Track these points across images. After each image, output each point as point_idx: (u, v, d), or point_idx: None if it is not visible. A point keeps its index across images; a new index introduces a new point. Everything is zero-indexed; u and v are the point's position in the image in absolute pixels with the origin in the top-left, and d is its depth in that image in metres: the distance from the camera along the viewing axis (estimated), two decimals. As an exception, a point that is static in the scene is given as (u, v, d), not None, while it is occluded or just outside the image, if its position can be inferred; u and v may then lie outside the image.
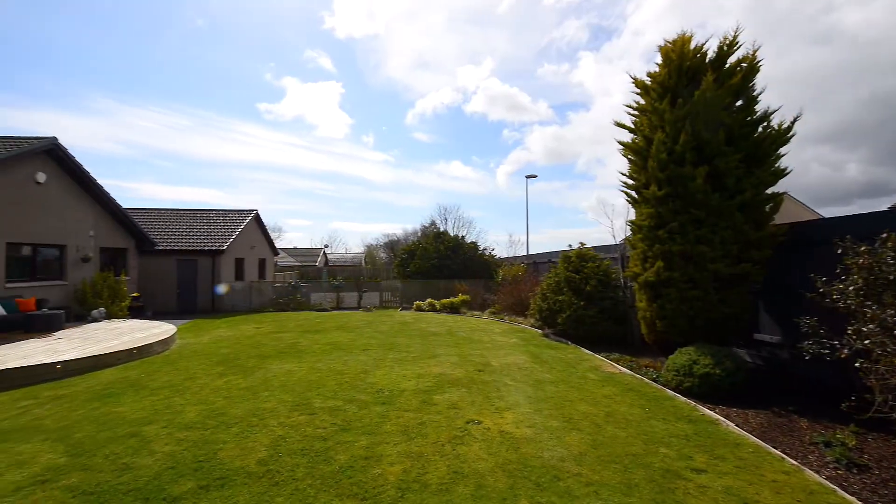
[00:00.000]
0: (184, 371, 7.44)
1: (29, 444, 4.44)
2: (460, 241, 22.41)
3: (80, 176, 13.51)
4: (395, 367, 7.69)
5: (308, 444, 4.37)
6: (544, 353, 8.94)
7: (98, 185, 13.99)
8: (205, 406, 5.55)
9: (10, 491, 3.50)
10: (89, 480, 3.65)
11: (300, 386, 6.45)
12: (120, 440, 4.49)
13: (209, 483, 3.60)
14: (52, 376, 7.14)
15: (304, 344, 9.91)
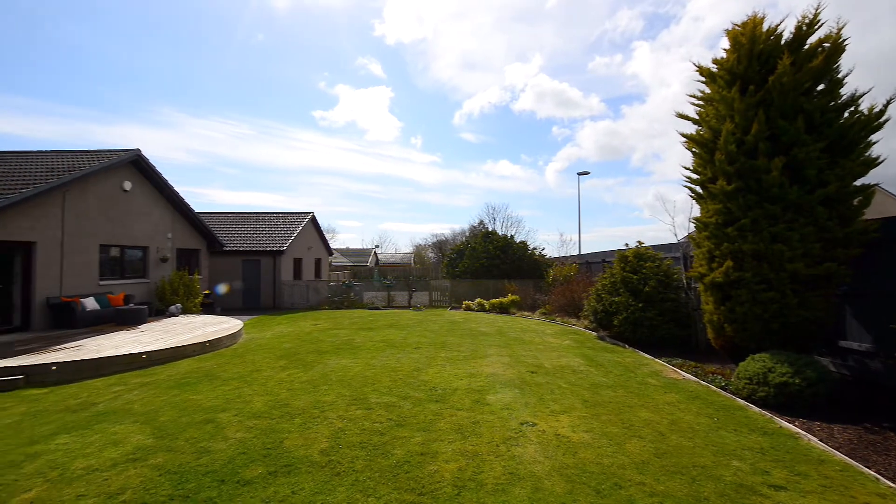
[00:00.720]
0: (250, 364, 7.94)
1: (122, 425, 4.93)
2: (509, 240, 22.16)
3: (160, 183, 14.83)
4: (447, 365, 7.75)
5: (366, 438, 4.52)
6: (600, 357, 8.63)
7: (175, 192, 15.28)
8: (270, 397, 5.89)
9: (108, 466, 3.91)
10: (173, 461, 3.99)
11: (356, 381, 6.68)
12: (197, 425, 4.87)
13: (277, 469, 3.82)
14: (139, 365, 7.89)
15: (359, 341, 10.24)
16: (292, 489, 3.51)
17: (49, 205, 10.88)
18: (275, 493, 3.44)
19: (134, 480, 3.63)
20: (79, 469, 3.85)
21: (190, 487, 3.51)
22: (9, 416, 5.34)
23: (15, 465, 3.96)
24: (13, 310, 10.39)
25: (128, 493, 3.44)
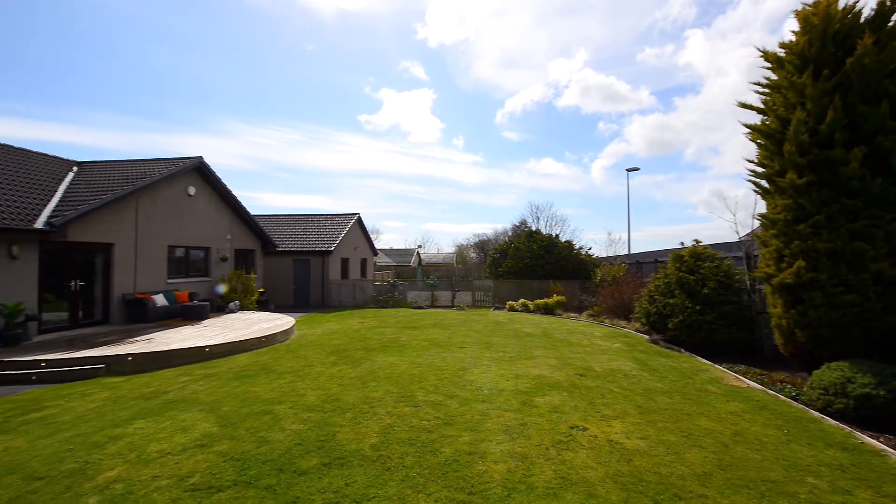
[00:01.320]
0: (303, 359, 8.28)
1: (189, 413, 5.29)
2: (554, 240, 21.70)
3: (220, 188, 15.80)
4: (493, 366, 7.70)
5: (415, 435, 4.57)
6: (653, 361, 8.25)
7: (233, 196, 16.23)
8: (322, 391, 6.11)
9: (179, 451, 4.21)
10: (235, 448, 4.23)
11: (403, 379, 6.78)
12: (257, 416, 5.14)
13: (331, 461, 3.95)
14: (202, 357, 8.45)
15: (404, 339, 10.40)
16: (345, 481, 3.61)
17: (125, 209, 11.89)
18: (329, 484, 3.55)
19: (202, 465, 3.88)
20: (153, 452, 4.17)
21: (251, 474, 3.71)
22: (93, 402, 5.89)
23: (99, 446, 4.35)
24: (95, 305, 11.45)
25: (196, 476, 3.68)
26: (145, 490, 3.47)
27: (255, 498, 3.35)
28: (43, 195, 10.98)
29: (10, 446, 4.43)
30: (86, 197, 11.09)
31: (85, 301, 11.15)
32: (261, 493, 3.41)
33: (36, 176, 11.92)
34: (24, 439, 4.61)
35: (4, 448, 4.38)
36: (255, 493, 3.41)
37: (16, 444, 4.47)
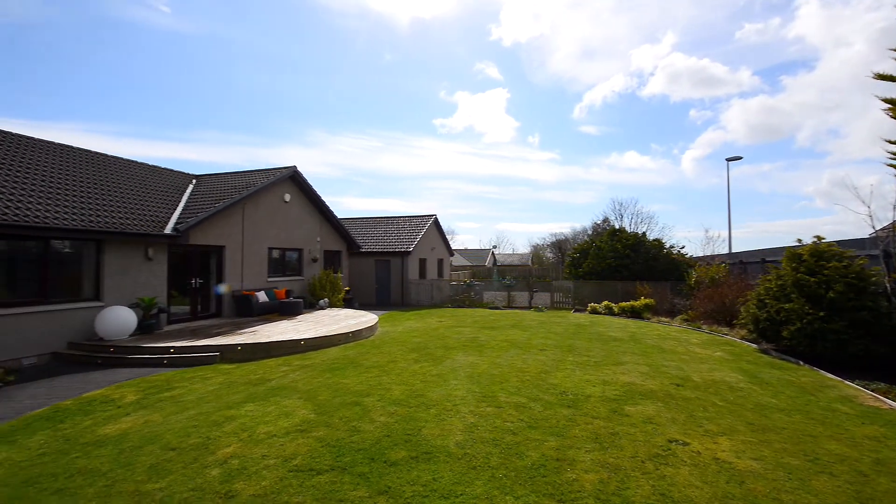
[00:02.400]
0: (387, 355, 8.63)
1: (290, 400, 5.77)
2: (641, 238, 20.28)
3: (311, 194, 17.11)
4: (577, 370, 7.38)
5: (498, 436, 4.52)
6: (764, 373, 7.33)
7: (322, 201, 17.49)
8: (406, 387, 6.30)
9: (283, 433, 4.60)
10: (331, 436, 4.52)
11: (484, 379, 6.76)
12: (348, 406, 5.45)
13: (418, 455, 4.05)
14: (298, 350, 9.18)
15: (483, 339, 10.39)
16: (433, 475, 3.68)
17: (233, 215, 13.36)
18: (417, 478, 3.64)
19: (302, 448, 4.20)
20: (262, 433, 4.61)
21: (346, 461, 3.93)
22: (211, 385, 6.67)
23: (218, 425, 4.91)
24: (210, 300, 13.01)
25: (298, 458, 3.99)
26: (256, 467, 3.83)
27: (350, 483, 3.54)
28: (169, 205, 12.72)
29: (149, 420, 5.17)
30: (202, 206, 12.65)
31: (202, 296, 12.72)
32: (355, 480, 3.59)
33: (164, 188, 13.85)
34: (159, 414, 5.35)
35: (145, 421, 5.13)
36: (350, 479, 3.60)
37: (153, 419, 5.21)
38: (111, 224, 9.66)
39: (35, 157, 10.92)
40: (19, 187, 9.10)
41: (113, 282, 9.90)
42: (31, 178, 9.79)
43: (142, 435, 4.67)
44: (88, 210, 9.75)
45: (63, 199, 9.60)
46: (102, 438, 4.62)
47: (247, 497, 3.34)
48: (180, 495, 3.39)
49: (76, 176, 11.20)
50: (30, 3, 51.71)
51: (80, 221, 9.04)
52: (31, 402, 6.01)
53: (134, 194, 12.05)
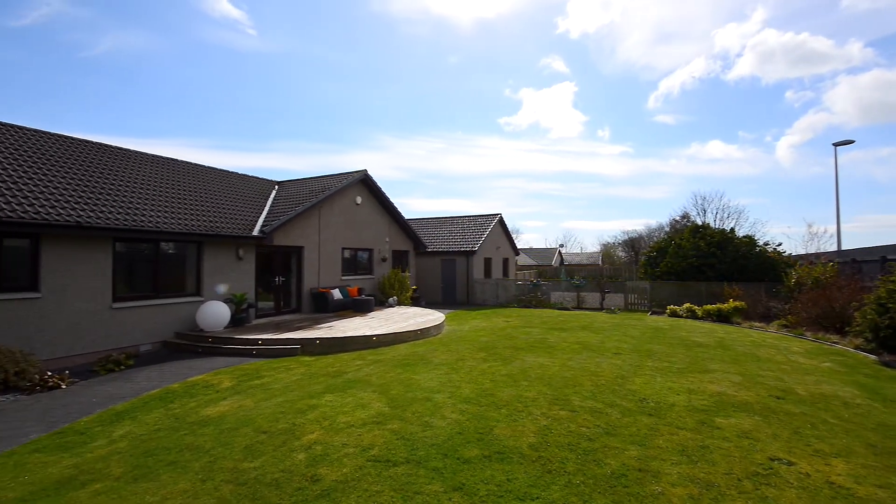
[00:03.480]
0: (455, 353, 8.70)
1: (365, 392, 6.01)
2: (728, 235, 18.51)
3: (380, 196, 17.77)
4: (657, 376, 6.90)
5: (574, 441, 4.35)
6: (887, 388, 6.33)
7: (391, 203, 18.09)
8: (476, 385, 6.30)
9: (360, 424, 4.80)
10: (405, 429, 4.64)
11: (556, 381, 6.56)
12: (419, 402, 5.56)
13: (490, 454, 4.02)
14: (370, 345, 9.56)
15: (552, 341, 10.09)
16: (507, 476, 3.62)
17: (310, 218, 14.26)
18: (491, 477, 3.61)
19: (378, 440, 4.36)
20: (341, 423, 4.85)
21: (420, 455, 4.00)
22: (294, 375, 7.16)
23: (302, 412, 5.24)
24: (290, 296, 14.00)
25: (375, 449, 4.14)
26: (337, 455, 4.03)
27: (425, 477, 3.60)
28: (256, 209, 13.88)
29: (243, 404, 5.66)
30: (284, 209, 13.64)
31: (284, 293, 13.72)
32: (430, 474, 3.65)
33: (251, 194, 15.14)
34: (251, 400, 5.84)
35: (239, 405, 5.62)
36: (424, 473, 3.66)
37: (246, 404, 5.70)
38: (209, 227, 10.76)
39: (146, 170, 12.47)
40: (136, 197, 10.45)
41: (211, 279, 11.02)
42: (143, 188, 11.20)
43: (237, 418, 5.13)
44: (190, 215, 10.94)
45: (169, 206, 10.87)
46: (205, 419, 5.14)
47: (330, 482, 3.53)
48: (271, 475, 3.67)
49: (179, 185, 12.62)
50: (144, 36, 59.49)
51: (183, 225, 10.17)
52: (147, 384, 6.87)
53: (226, 200, 13.31)
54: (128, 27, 58.09)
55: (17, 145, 9.88)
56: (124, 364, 8.11)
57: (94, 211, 8.82)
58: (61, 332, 8.18)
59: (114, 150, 12.53)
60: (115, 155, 12.25)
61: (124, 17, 58.03)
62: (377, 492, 3.38)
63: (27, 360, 7.07)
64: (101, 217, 8.73)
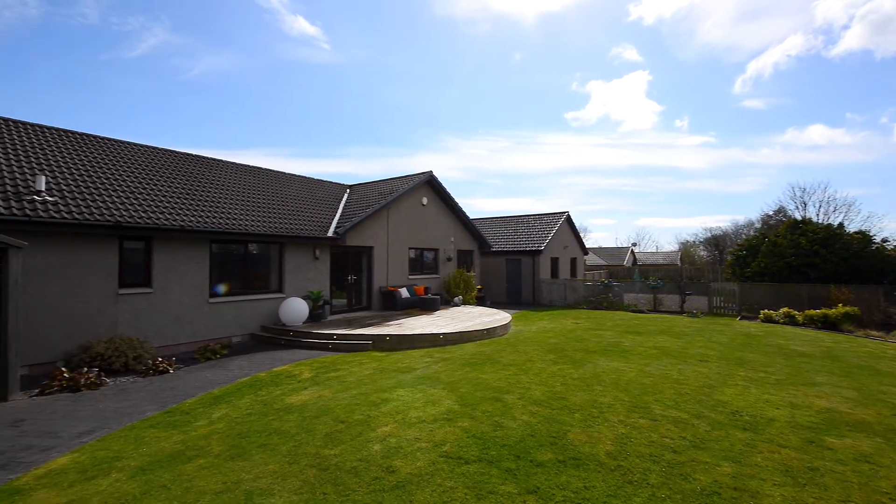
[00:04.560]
0: (523, 354, 8.54)
1: (434, 389, 6.10)
2: (835, 231, 16.33)
3: (445, 197, 17.99)
4: (751, 387, 6.25)
5: (656, 452, 4.07)
6: None
7: (456, 203, 18.25)
8: (546, 388, 6.13)
9: (431, 420, 4.88)
10: (475, 428, 4.63)
11: (633, 387, 6.19)
12: (489, 401, 5.52)
13: (565, 460, 3.88)
14: (437, 343, 9.69)
15: (627, 345, 9.55)
16: (584, 483, 3.47)
17: (379, 219, 14.80)
18: (567, 482, 3.48)
19: (450, 437, 4.39)
20: (413, 417, 4.96)
21: (492, 455, 3.97)
22: (367, 369, 7.45)
23: (375, 405, 5.44)
24: (361, 294, 14.63)
25: (447, 445, 4.18)
26: (410, 448, 4.13)
27: (498, 477, 3.56)
28: (330, 211, 14.69)
29: (321, 395, 6.00)
30: (355, 211, 14.29)
31: (356, 291, 14.37)
32: (503, 475, 3.60)
33: (325, 198, 16.05)
34: (329, 391, 6.18)
35: (319, 395, 5.97)
36: (497, 473, 3.62)
37: (325, 394, 6.03)
38: (289, 229, 11.57)
39: (234, 178, 13.70)
40: (228, 202, 11.53)
41: (291, 277, 11.86)
42: (233, 194, 12.32)
43: (318, 407, 5.44)
44: (273, 218, 11.85)
45: (255, 210, 11.85)
46: (289, 406, 5.52)
47: (405, 475, 3.62)
48: (350, 463, 3.84)
49: (263, 191, 13.71)
50: (232, 58, 65.91)
51: (268, 228, 11.04)
52: (239, 372, 7.53)
53: (304, 204, 14.24)
54: (219, 50, 64.42)
55: (131, 159, 11.34)
56: (219, 353, 8.97)
57: (195, 216, 9.87)
58: (168, 323, 9.25)
59: (208, 161, 13.94)
60: (208, 165, 13.62)
61: (217, 41, 64.42)
62: (450, 488, 3.40)
63: (143, 347, 8.08)
64: (201, 221, 9.74)
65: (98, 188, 9.13)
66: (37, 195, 7.85)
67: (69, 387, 6.52)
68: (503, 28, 76.31)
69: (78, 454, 4.25)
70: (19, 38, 60.43)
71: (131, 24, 57.71)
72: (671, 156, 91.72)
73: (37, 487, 3.60)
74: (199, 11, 60.95)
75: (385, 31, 71.45)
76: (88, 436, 4.75)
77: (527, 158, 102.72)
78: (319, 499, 3.29)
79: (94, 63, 68.68)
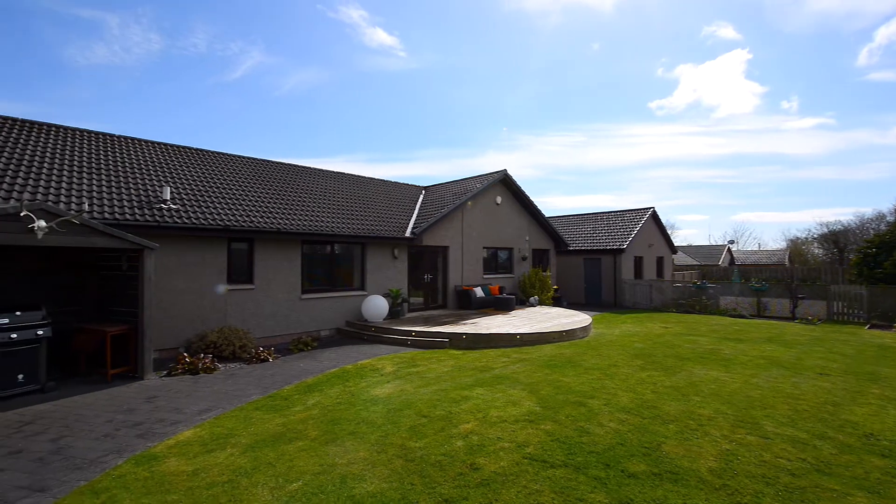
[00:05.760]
0: (606, 358, 8.12)
1: (514, 390, 6.02)
2: None
3: (519, 195, 17.72)
4: (889, 408, 5.33)
5: (770, 473, 3.62)
6: None
7: (531, 201, 17.89)
8: (635, 395, 5.76)
9: (512, 420, 4.82)
10: (559, 431, 4.48)
11: (737, 400, 5.58)
12: (571, 405, 5.32)
13: (661, 473, 3.61)
14: (514, 343, 9.56)
15: (727, 353, 8.65)
16: (683, 500, 3.20)
17: (454, 219, 14.98)
18: (664, 497, 3.23)
19: (533, 438, 4.30)
20: (493, 417, 4.94)
21: (578, 461, 3.81)
22: (445, 366, 7.58)
23: (456, 402, 5.51)
24: (437, 293, 14.92)
25: (530, 447, 4.10)
26: (493, 447, 4.11)
27: (586, 485, 3.41)
28: (407, 213, 15.18)
29: (403, 389, 6.21)
30: (431, 212, 14.61)
31: (432, 290, 14.69)
32: (591, 482, 3.44)
33: (402, 199, 16.62)
34: (410, 385, 6.38)
35: (401, 390, 6.18)
36: (585, 480, 3.47)
37: (406, 388, 6.23)
38: (370, 230, 12.17)
39: (319, 183, 14.71)
40: (315, 206, 12.42)
41: (372, 276, 12.46)
42: (319, 198, 13.23)
43: (401, 400, 5.65)
44: (355, 220, 12.53)
45: (339, 213, 12.62)
46: (374, 398, 5.79)
47: (489, 473, 3.61)
48: (435, 457, 3.93)
49: (345, 194, 14.56)
50: (316, 72, 71.20)
51: (351, 229, 11.71)
52: (328, 364, 8.07)
53: (383, 206, 14.88)
54: (305, 67, 69.62)
55: (234, 170, 12.67)
56: (310, 345, 9.69)
57: (288, 219, 10.77)
58: (267, 316, 10.20)
59: (297, 169, 15.14)
60: (297, 172, 14.78)
61: (303, 58, 69.71)
62: (537, 491, 3.33)
63: (246, 337, 8.99)
64: (293, 224, 10.61)
65: (210, 196, 10.35)
66: (163, 203, 9.09)
67: (189, 370, 7.46)
68: (578, 17, 73.27)
69: (199, 429, 4.84)
70: (145, 68, 70.67)
71: (232, 49, 64.65)
72: (777, 142, 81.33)
73: (169, 455, 4.15)
74: (289, 32, 66.54)
75: (455, 32, 72.26)
76: (207, 413, 5.39)
77: (604, 152, 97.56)
78: (407, 488, 3.40)
79: (203, 86, 78.11)
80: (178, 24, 61.90)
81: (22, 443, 4.52)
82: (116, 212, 8.22)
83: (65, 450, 4.33)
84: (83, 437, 4.65)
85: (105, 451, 4.31)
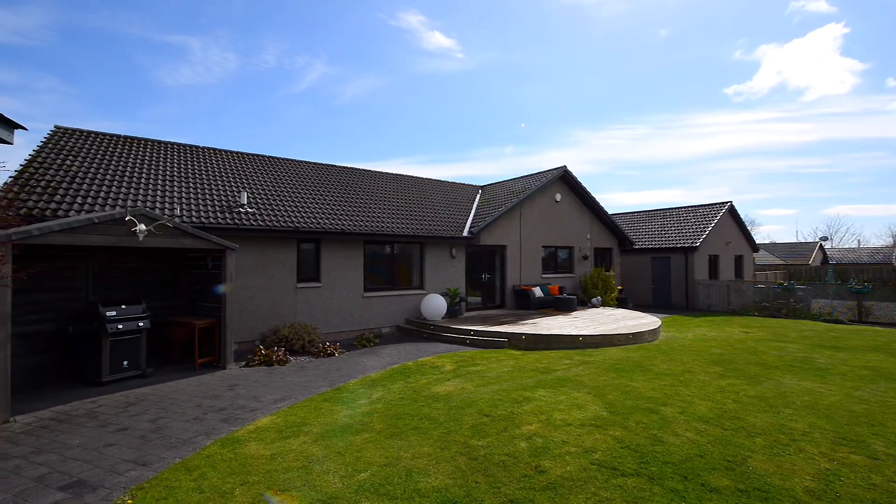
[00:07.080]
0: (679, 363, 7.59)
1: (578, 393, 5.81)
2: None
3: (581, 192, 17.09)
4: None
5: (882, 499, 3.18)
6: None
7: (592, 198, 17.19)
8: (714, 404, 5.32)
9: (578, 424, 4.65)
10: (629, 438, 4.25)
11: (837, 414, 4.97)
12: (642, 412, 5.03)
13: (748, 489, 3.30)
14: (576, 345, 9.24)
15: (822, 361, 7.74)
16: (776, 523, 2.90)
17: (512, 218, 14.78)
18: (753, 518, 2.95)
19: (601, 444, 4.12)
20: (557, 420, 4.80)
21: (653, 471, 3.59)
22: (505, 366, 7.49)
23: (517, 403, 5.42)
24: (495, 292, 14.80)
25: (598, 453, 3.92)
26: (558, 451, 3.99)
27: (661, 496, 3.20)
28: (464, 212, 15.21)
29: (464, 387, 6.22)
30: (488, 211, 14.53)
31: (489, 289, 14.61)
32: (668, 494, 3.22)
33: (459, 199, 16.68)
34: (470, 384, 6.37)
35: (461, 388, 6.20)
36: (661, 492, 3.26)
37: (467, 387, 6.24)
38: (429, 230, 12.34)
39: (379, 185, 15.15)
40: (376, 207, 12.82)
41: (430, 275, 12.63)
42: (379, 199, 13.63)
43: (461, 398, 5.66)
44: (414, 220, 12.77)
45: (399, 213, 12.93)
46: (436, 395, 5.86)
47: (555, 476, 3.51)
48: (498, 457, 3.89)
49: (404, 195, 14.88)
50: (375, 79, 73.67)
51: (410, 229, 11.95)
52: (389, 360, 8.29)
53: (440, 206, 15.03)
54: (365, 74, 72.12)
55: (301, 174, 13.42)
56: (372, 342, 10.03)
57: (351, 220, 11.23)
58: (332, 312, 10.70)
59: (358, 172, 15.72)
60: (359, 175, 15.35)
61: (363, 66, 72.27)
62: (607, 499, 3.18)
63: (314, 333, 9.49)
64: (356, 224, 11.04)
65: (280, 199, 11.05)
66: (241, 207, 9.84)
67: (265, 362, 8.02)
68: (642, 3, 69.30)
69: (275, 417, 5.18)
70: (223, 86, 77.12)
71: (298, 63, 68.62)
72: (880, 125, 71.82)
73: (249, 440, 4.48)
74: (350, 42, 69.42)
75: (512, 29, 71.30)
76: (281, 402, 5.75)
77: (671, 144, 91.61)
78: (472, 486, 3.39)
79: (272, 98, 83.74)
80: (252, 42, 66.93)
81: (127, 421, 5.10)
82: (202, 215, 9.04)
83: (162, 429, 4.83)
84: (177, 419, 5.15)
85: (195, 432, 4.74)
